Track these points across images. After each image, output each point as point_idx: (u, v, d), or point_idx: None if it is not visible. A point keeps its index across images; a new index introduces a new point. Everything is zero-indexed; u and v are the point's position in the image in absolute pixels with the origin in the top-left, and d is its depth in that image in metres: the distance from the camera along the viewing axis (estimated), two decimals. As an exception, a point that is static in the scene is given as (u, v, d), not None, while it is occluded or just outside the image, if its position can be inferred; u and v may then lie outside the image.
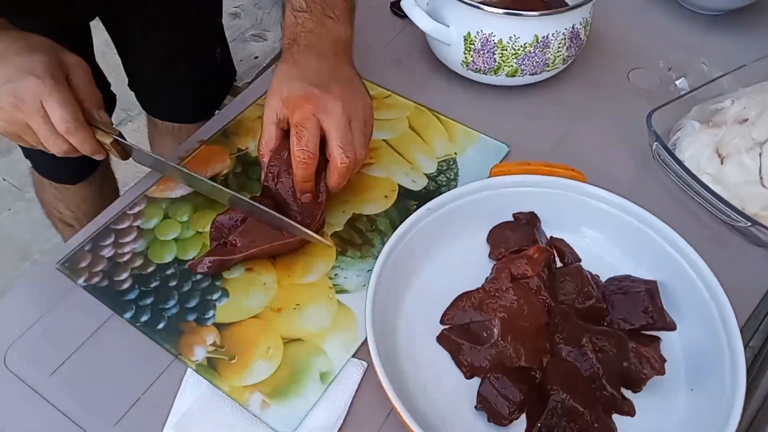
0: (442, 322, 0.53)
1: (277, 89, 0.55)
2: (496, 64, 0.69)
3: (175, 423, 0.48)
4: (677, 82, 0.72)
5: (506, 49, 0.67)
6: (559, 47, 0.68)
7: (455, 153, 0.67)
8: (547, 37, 0.67)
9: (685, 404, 0.49)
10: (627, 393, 0.50)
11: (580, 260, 0.57)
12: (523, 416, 0.48)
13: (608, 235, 0.57)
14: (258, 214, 0.56)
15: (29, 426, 0.49)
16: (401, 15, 0.80)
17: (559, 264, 0.57)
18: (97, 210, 0.95)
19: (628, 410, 0.49)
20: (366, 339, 0.52)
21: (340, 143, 0.54)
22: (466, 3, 0.66)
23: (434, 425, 0.47)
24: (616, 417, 0.49)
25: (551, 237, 0.58)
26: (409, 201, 0.63)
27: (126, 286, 0.56)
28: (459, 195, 0.57)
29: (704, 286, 0.51)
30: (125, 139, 0.58)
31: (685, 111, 0.67)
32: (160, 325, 0.54)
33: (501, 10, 0.66)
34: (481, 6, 0.66)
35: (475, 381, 0.50)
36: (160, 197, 0.63)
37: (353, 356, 0.52)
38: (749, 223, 0.56)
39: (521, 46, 0.67)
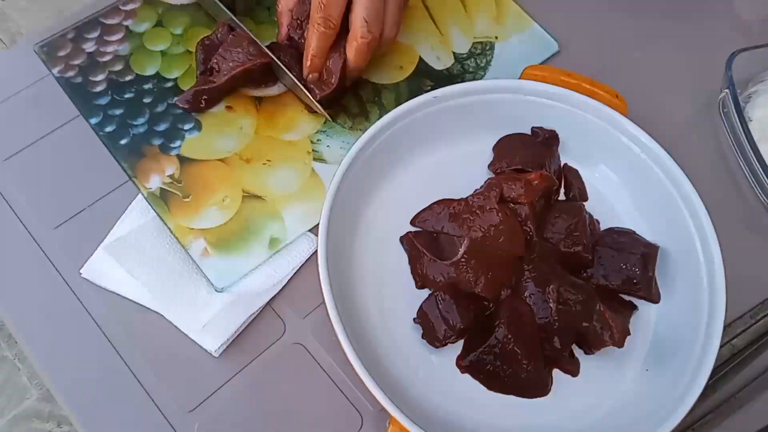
0: (412, 222, 0.49)
1: None
2: (581, -59, 0.56)
3: (108, 244, 0.46)
4: None
5: (597, -75, 0.55)
6: (662, -61, 0.55)
7: (496, 37, 0.57)
8: None
9: (633, 382, 0.45)
10: (578, 351, 0.46)
11: (586, 199, 0.50)
12: (460, 342, 0.46)
13: (628, 181, 0.50)
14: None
15: (-26, 205, 0.48)
16: None
17: (562, 196, 0.51)
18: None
19: (572, 369, 0.45)
20: (327, 217, 0.49)
21: (365, 14, 0.46)
22: None
23: (363, 325, 0.45)
24: (556, 372, 0.46)
25: (565, 164, 0.51)
26: (425, 80, 0.55)
27: (99, 88, 0.52)
28: (475, 90, 0.49)
29: (706, 266, 0.45)
30: None
31: (780, 60, 0.55)
32: (123, 141, 0.50)
33: None
34: None
35: (424, 292, 0.47)
36: None
37: (309, 231, 0.49)
38: (792, 215, 0.48)
39: (616, -74, 0.54)
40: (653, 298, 0.47)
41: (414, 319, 0.45)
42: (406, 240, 0.48)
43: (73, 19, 0.55)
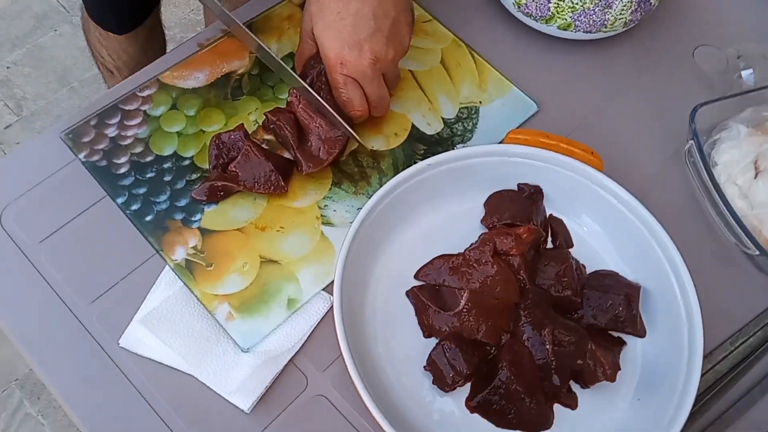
0: (415, 277, 0.54)
1: (316, 16, 0.54)
2: (550, 13, 0.63)
3: (143, 317, 0.50)
4: (743, 73, 0.66)
5: (563, 0, 0.61)
6: (623, 9, 0.62)
7: (480, 102, 0.63)
8: (612, -5, 0.61)
9: (627, 411, 0.50)
10: (575, 385, 0.51)
11: (572, 246, 0.56)
12: (468, 385, 0.50)
13: (608, 228, 0.55)
14: (313, 102, 0.57)
15: (15, 287, 0.53)
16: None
17: (549, 245, 0.56)
18: (139, 62, 0.94)
19: (570, 404, 0.50)
20: (339, 277, 0.54)
21: (373, 102, 0.57)
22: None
23: (378, 374, 0.49)
24: (557, 406, 0.50)
25: (550, 215, 0.57)
26: (418, 144, 0.61)
27: (123, 170, 0.57)
28: (465, 155, 0.55)
29: (682, 301, 0.50)
30: None
31: (737, 111, 0.62)
32: (148, 217, 0.55)
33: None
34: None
35: (432, 341, 0.51)
36: (172, 85, 0.62)
37: (323, 290, 0.54)
38: (758, 252, 0.54)
39: (580, 0, 0.61)
40: (639, 333, 0.52)
41: (424, 367, 0.50)
42: (411, 294, 0.53)
43: (94, 107, 0.60)
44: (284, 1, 0.67)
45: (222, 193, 0.56)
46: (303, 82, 0.57)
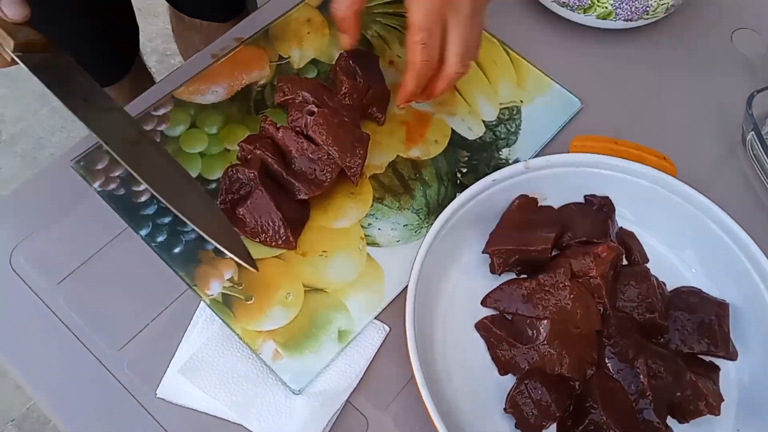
0: (483, 304, 0.49)
1: None
2: (589, 2, 0.59)
3: (182, 366, 0.45)
4: None
5: (606, -12, 0.57)
6: (666, -7, 0.58)
7: (521, 101, 0.59)
8: (656, -20, 0.57)
9: None
10: (670, 421, 0.46)
11: (647, 261, 0.51)
12: (553, 426, 0.45)
13: (685, 238, 0.51)
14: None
15: (32, 335, 0.47)
16: None
17: (624, 262, 0.51)
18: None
19: None
20: (391, 302, 0.49)
21: (459, 50, 0.46)
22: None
23: (454, 414, 0.44)
24: None
25: (621, 228, 0.52)
26: (461, 151, 0.56)
27: (144, 198, 0.52)
28: (534, 166, 0.50)
29: None
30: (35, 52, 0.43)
31: (793, 97, 0.58)
32: (177, 249, 0.50)
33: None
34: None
35: (509, 377, 0.47)
36: (189, 101, 0.56)
37: (376, 318, 0.49)
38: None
39: (624, -13, 0.57)
40: (731, 356, 0.47)
41: (504, 409, 0.45)
42: (482, 326, 0.48)
43: (105, 130, 0.54)
44: (301, 3, 0.62)
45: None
46: None
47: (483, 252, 0.50)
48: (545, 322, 0.45)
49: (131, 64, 0.84)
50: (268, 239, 0.50)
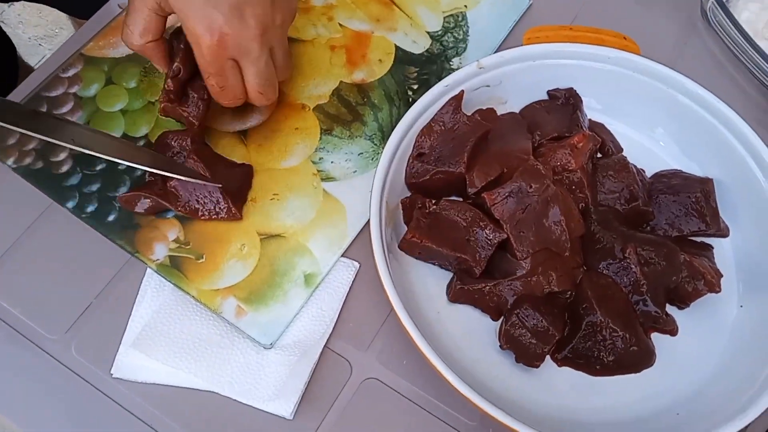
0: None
1: None
2: None
3: (134, 339, 0.40)
4: None
5: None
6: None
7: (465, 6, 0.54)
8: None
9: (732, 323, 0.43)
10: (670, 308, 0.43)
11: (621, 150, 0.48)
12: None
13: (657, 120, 0.47)
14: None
15: (-38, 335, 0.42)
16: None
17: (597, 155, 0.48)
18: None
19: (671, 329, 0.42)
20: (356, 236, 0.45)
21: (257, 87, 0.43)
22: None
23: (445, 349, 0.40)
24: (654, 335, 0.42)
25: (589, 120, 0.48)
26: (408, 67, 0.52)
27: (65, 168, 0.46)
28: (488, 66, 0.46)
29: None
30: None
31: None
32: (111, 217, 0.45)
33: None
34: None
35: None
36: (101, 57, 0.50)
37: (343, 255, 0.45)
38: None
39: None
40: (722, 233, 0.44)
41: (500, 346, 0.41)
42: (454, 296, 0.43)
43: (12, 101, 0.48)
44: None
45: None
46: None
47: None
48: (528, 256, 0.40)
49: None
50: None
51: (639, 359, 0.40)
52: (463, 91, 0.44)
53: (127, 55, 0.51)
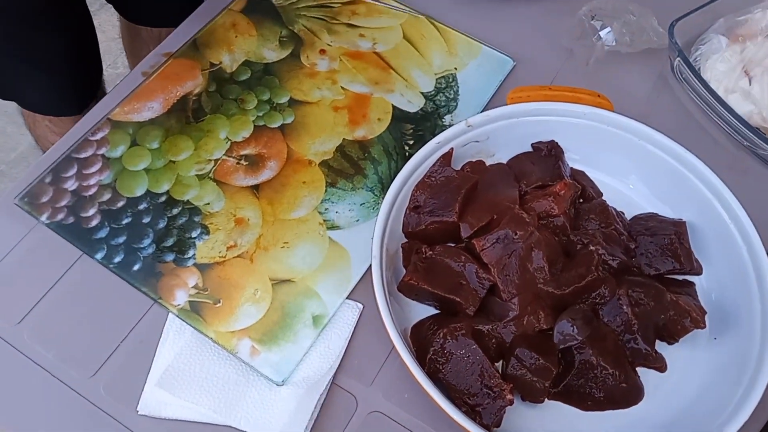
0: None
1: None
2: (503, -37, 0.61)
3: (158, 379, 0.44)
4: (601, 33, 0.59)
5: (515, -54, 0.59)
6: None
7: (455, 68, 0.60)
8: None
9: (707, 355, 0.46)
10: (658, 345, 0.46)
11: (601, 195, 0.52)
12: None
13: (630, 168, 0.52)
14: None
15: (2, 378, 0.46)
16: None
17: (579, 200, 0.52)
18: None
19: (659, 366, 0.45)
20: (360, 280, 0.49)
21: None
22: None
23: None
24: (641, 370, 0.45)
25: (571, 168, 0.53)
26: (404, 125, 0.57)
27: (94, 223, 0.51)
28: (476, 124, 0.51)
29: (735, 226, 0.47)
30: None
31: (708, 23, 0.60)
32: (136, 267, 0.49)
33: None
34: None
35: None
36: (126, 121, 0.56)
37: (348, 298, 0.49)
38: (774, 150, 0.52)
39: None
40: (696, 271, 0.48)
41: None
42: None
43: (45, 163, 0.53)
44: (224, 10, 0.62)
45: None
46: None
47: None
48: (515, 297, 0.44)
49: (98, 86, 0.80)
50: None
51: (628, 396, 0.43)
52: (452, 149, 0.49)
53: (150, 119, 0.56)
